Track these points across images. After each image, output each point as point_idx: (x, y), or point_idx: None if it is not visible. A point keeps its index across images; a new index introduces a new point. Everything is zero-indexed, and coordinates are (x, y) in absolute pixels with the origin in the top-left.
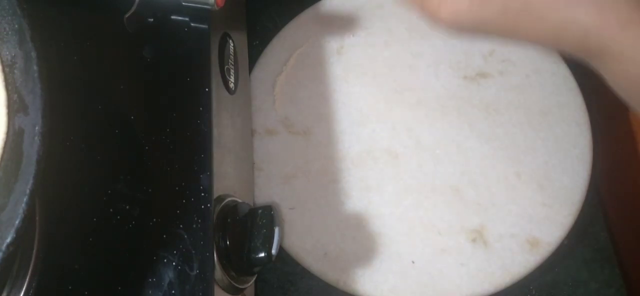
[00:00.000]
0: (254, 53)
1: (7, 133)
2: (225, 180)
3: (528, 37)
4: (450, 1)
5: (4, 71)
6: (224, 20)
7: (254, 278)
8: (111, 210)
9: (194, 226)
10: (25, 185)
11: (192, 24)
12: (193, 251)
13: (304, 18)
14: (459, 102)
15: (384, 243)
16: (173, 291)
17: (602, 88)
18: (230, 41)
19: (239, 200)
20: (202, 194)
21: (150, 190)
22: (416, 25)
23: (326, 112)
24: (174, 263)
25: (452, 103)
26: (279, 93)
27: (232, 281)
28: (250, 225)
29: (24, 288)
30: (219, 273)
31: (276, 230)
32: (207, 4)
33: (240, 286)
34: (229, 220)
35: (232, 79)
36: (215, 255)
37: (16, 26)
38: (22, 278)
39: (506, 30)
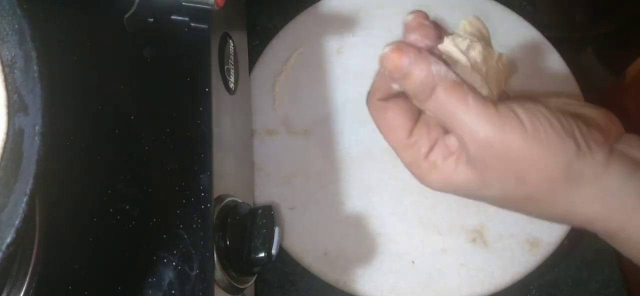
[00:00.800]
0: (254, 53)
1: (7, 133)
2: (225, 180)
3: (530, 216)
4: (443, 171)
5: (4, 71)
6: (224, 20)
7: (254, 278)
8: (111, 210)
9: (194, 226)
10: (25, 185)
11: (192, 24)
12: (193, 251)
13: (304, 18)
14: None
15: (384, 243)
16: (173, 291)
17: (602, 89)
18: (230, 41)
19: (239, 200)
20: (202, 194)
21: (150, 190)
22: None
23: (326, 112)
24: (174, 263)
25: None
26: (279, 93)
27: (232, 281)
28: (250, 225)
29: (24, 288)
30: (219, 273)
31: (276, 230)
32: (207, 4)
33: (240, 286)
34: (229, 220)
35: (232, 79)
36: (215, 255)
37: (16, 26)
38: (22, 278)
39: (505, 208)
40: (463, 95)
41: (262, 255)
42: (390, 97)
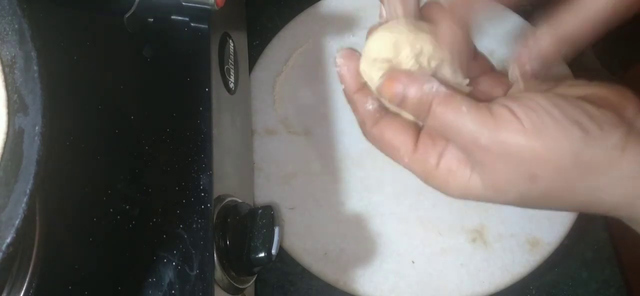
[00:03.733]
0: (254, 53)
1: (7, 133)
2: (225, 180)
3: (561, 210)
4: (460, 180)
5: (4, 71)
6: (224, 20)
7: (254, 278)
8: (111, 210)
9: (194, 226)
10: (25, 185)
11: (192, 24)
12: (193, 251)
13: (304, 18)
14: None
15: (384, 243)
16: (173, 291)
17: None
18: (230, 41)
19: (239, 200)
20: (202, 194)
21: (150, 190)
22: None
23: (326, 112)
24: (174, 263)
25: None
26: (279, 93)
27: (232, 281)
28: (250, 225)
29: (24, 288)
30: (219, 273)
31: (276, 230)
32: (207, 4)
33: (240, 286)
34: (229, 220)
35: (232, 79)
36: (215, 255)
37: (16, 26)
38: (22, 278)
39: (533, 207)
40: (457, 105)
41: (262, 255)
42: (380, 119)
